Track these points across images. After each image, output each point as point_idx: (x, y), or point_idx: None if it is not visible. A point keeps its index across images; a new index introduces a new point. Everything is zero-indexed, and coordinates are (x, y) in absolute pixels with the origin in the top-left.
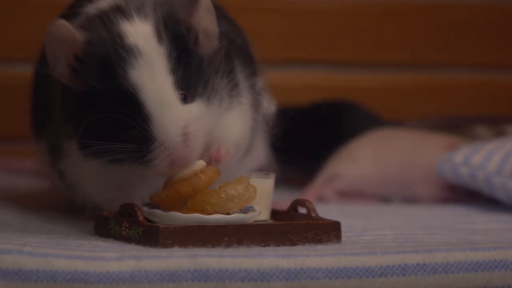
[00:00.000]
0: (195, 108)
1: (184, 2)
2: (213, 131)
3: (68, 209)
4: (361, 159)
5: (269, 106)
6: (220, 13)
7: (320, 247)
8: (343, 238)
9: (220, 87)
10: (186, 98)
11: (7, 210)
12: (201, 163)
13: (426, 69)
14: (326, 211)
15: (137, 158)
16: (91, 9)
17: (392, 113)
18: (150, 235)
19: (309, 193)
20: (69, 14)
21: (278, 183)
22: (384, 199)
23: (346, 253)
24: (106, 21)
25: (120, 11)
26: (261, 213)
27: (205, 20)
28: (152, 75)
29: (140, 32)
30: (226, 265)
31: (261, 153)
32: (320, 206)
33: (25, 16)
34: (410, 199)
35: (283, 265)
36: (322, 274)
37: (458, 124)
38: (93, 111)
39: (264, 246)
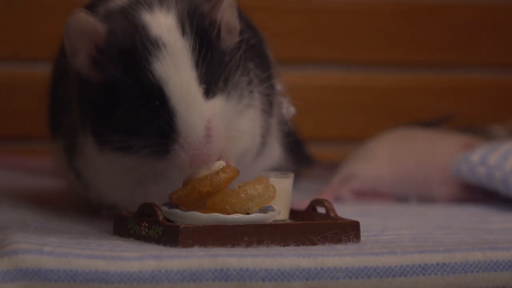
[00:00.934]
0: (217, 103)
1: None
2: (231, 129)
3: (85, 208)
4: (378, 158)
5: (288, 108)
6: (237, 12)
7: (339, 247)
8: (362, 238)
9: (240, 84)
10: (209, 93)
11: (25, 209)
12: (221, 163)
13: (443, 69)
14: (343, 211)
15: (158, 152)
16: (111, 4)
17: (408, 113)
18: (170, 235)
19: (326, 193)
20: (89, 8)
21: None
22: (401, 198)
23: (366, 252)
24: (128, 13)
25: (142, 4)
26: (280, 213)
27: (227, 14)
28: (177, 68)
29: (163, 24)
30: (246, 265)
31: (276, 152)
32: (337, 206)
33: (45, 16)
34: (427, 199)
35: (303, 265)
36: (342, 273)
37: (475, 124)
38: (114, 103)
39: (284, 245)
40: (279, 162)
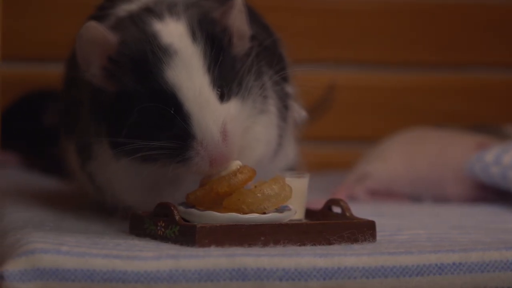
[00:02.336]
0: (232, 106)
1: (213, 3)
2: (246, 132)
3: (100, 208)
4: (392, 158)
5: (300, 112)
6: (251, 13)
7: (356, 247)
8: (377, 238)
9: (253, 88)
10: (223, 96)
11: (41, 209)
12: (237, 163)
13: (456, 69)
14: (357, 211)
15: (175, 156)
16: (120, 11)
17: (419, 112)
18: (187, 235)
19: (340, 192)
20: (99, 16)
21: None
22: (415, 198)
23: (382, 252)
24: (139, 22)
25: (152, 12)
26: (296, 213)
27: (238, 21)
28: (190, 73)
29: (174, 31)
30: (263, 264)
31: (291, 153)
32: (351, 206)
33: (56, 16)
34: (441, 199)
35: (320, 265)
36: (359, 273)
37: (488, 124)
38: (129, 113)
39: (300, 245)
40: (294, 162)
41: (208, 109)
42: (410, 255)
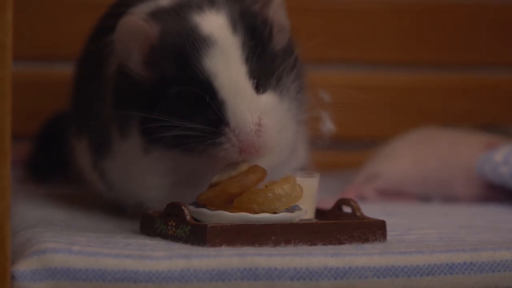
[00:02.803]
0: (269, 99)
1: None
2: (283, 129)
3: (110, 208)
4: (401, 157)
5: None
6: None
7: (367, 246)
8: (388, 237)
9: (292, 85)
10: (259, 87)
11: (50, 209)
12: (247, 163)
13: (466, 69)
14: (367, 210)
15: (206, 140)
16: (162, 1)
17: (429, 113)
18: (198, 234)
19: (349, 192)
20: (141, 5)
21: None
22: (424, 198)
23: (394, 252)
24: (179, 13)
25: (192, 4)
26: (307, 212)
27: (278, 14)
28: (227, 63)
29: (214, 23)
30: (275, 264)
31: (301, 154)
32: (360, 205)
33: (64, 15)
34: (450, 199)
35: (331, 264)
36: (371, 273)
37: (497, 124)
38: (164, 98)
39: (311, 245)
40: (304, 163)
41: (244, 97)
42: (421, 255)
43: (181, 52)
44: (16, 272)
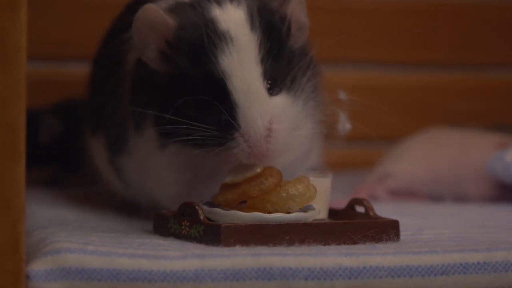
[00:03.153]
0: (282, 101)
1: None
2: (296, 128)
3: (122, 207)
4: (412, 157)
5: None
6: None
7: (381, 246)
8: (401, 237)
9: (306, 87)
10: (273, 89)
11: (62, 209)
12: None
13: (472, 69)
14: (378, 210)
15: (217, 144)
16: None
17: (438, 112)
18: (212, 234)
19: (361, 192)
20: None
21: None
22: (435, 198)
23: (407, 252)
24: (197, 7)
25: None
26: (320, 212)
27: (297, 11)
28: (242, 62)
29: (232, 18)
30: (289, 264)
31: (315, 153)
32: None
33: (75, 15)
34: (461, 198)
35: (345, 264)
36: (385, 272)
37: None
38: (180, 95)
39: (325, 244)
40: (317, 162)
41: (256, 101)
42: (435, 255)
43: (197, 47)
44: (31, 272)
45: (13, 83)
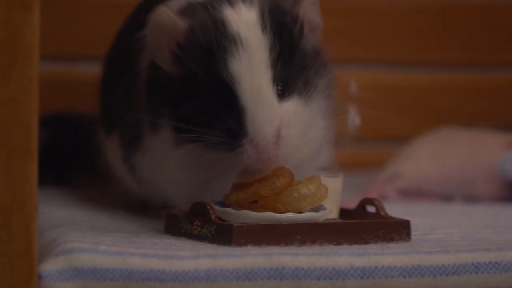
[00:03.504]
0: (293, 105)
1: None
2: (309, 130)
3: (133, 207)
4: (422, 157)
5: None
6: None
7: (392, 246)
8: (412, 237)
9: (320, 86)
10: (284, 93)
11: (73, 209)
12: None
13: (483, 69)
14: (389, 210)
15: (226, 150)
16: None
17: (448, 112)
18: (224, 234)
19: (371, 192)
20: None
21: None
22: (445, 198)
23: (419, 251)
24: (209, 8)
25: None
26: (331, 212)
27: (310, 11)
28: (252, 67)
29: (244, 19)
30: (301, 264)
31: (325, 154)
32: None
33: (87, 14)
34: (471, 198)
35: (357, 264)
36: (397, 272)
37: None
38: (190, 98)
39: (336, 244)
40: (327, 162)
41: (264, 107)
42: (447, 254)
43: (207, 50)
44: (43, 272)
45: (26, 83)
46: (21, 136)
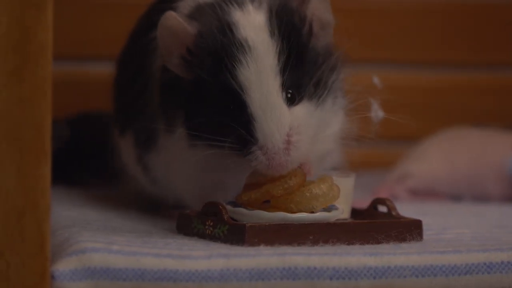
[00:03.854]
0: (303, 110)
1: None
2: (320, 131)
3: (146, 207)
4: (432, 158)
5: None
6: None
7: (405, 246)
8: (424, 237)
9: (335, 84)
10: (295, 98)
11: (85, 209)
12: None
13: (491, 68)
14: (400, 210)
15: (236, 156)
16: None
17: (458, 112)
18: (236, 234)
19: (381, 191)
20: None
21: None
22: (455, 197)
23: (432, 251)
24: (218, 10)
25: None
26: (343, 212)
27: (320, 9)
28: (260, 74)
29: (252, 23)
30: (314, 263)
31: (337, 153)
32: None
33: (96, 14)
34: (481, 198)
35: (370, 263)
36: (409, 272)
37: None
38: (201, 102)
39: (349, 244)
40: (338, 162)
41: (273, 115)
42: (459, 254)
43: (215, 56)
44: (56, 271)
45: (39, 83)
46: (34, 136)
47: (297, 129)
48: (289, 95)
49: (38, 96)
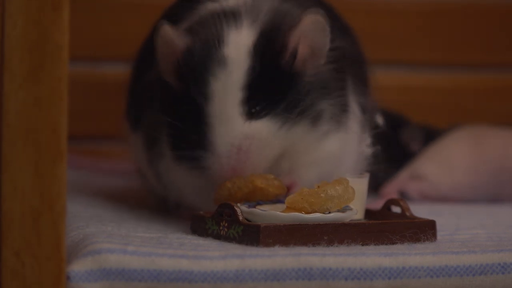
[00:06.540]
0: (262, 125)
1: (295, 8)
2: (296, 152)
3: (159, 208)
4: (455, 168)
5: (378, 118)
6: (334, 20)
7: (419, 246)
8: (438, 237)
9: (318, 107)
10: (258, 114)
11: (99, 210)
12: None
13: (507, 70)
14: (413, 210)
15: (195, 163)
16: (203, 10)
17: (470, 113)
18: (251, 234)
19: (391, 186)
20: (184, 12)
21: None
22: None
23: (446, 251)
24: (211, 27)
25: (224, 18)
26: (357, 212)
27: (311, 35)
28: (225, 87)
29: (238, 42)
30: (329, 264)
31: (350, 163)
32: None
33: (112, 15)
34: (495, 199)
35: (385, 264)
36: (424, 272)
37: None
38: (181, 112)
39: (363, 245)
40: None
41: (227, 125)
42: (474, 255)
43: (197, 70)
44: (71, 272)
45: (55, 83)
46: (50, 137)
47: (250, 140)
48: (253, 110)
49: (55, 97)
